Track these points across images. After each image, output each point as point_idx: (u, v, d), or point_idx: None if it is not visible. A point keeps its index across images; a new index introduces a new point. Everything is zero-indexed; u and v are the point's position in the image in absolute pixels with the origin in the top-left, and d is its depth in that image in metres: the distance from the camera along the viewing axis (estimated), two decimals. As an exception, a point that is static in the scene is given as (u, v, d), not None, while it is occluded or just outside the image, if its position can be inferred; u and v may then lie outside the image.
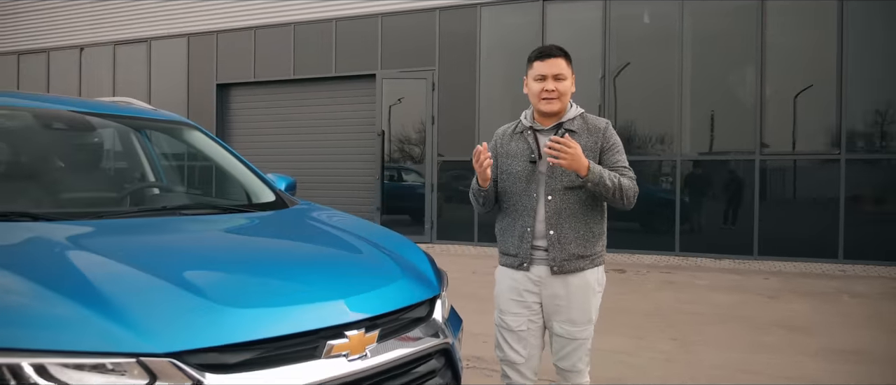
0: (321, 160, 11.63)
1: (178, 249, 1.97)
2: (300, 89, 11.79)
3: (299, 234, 2.39)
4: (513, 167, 2.58)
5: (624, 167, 2.53)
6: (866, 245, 7.99)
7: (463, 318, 2.68)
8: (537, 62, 2.52)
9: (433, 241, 10.39)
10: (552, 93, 2.49)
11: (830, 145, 8.30)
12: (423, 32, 10.51)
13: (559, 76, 2.50)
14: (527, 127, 2.60)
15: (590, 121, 2.57)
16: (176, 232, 2.16)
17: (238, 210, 2.61)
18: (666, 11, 9.06)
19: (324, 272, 1.96)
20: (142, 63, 13.17)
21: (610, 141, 2.54)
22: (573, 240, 2.50)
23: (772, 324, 5.21)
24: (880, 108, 8.19)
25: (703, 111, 8.98)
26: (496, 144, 2.69)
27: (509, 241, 2.61)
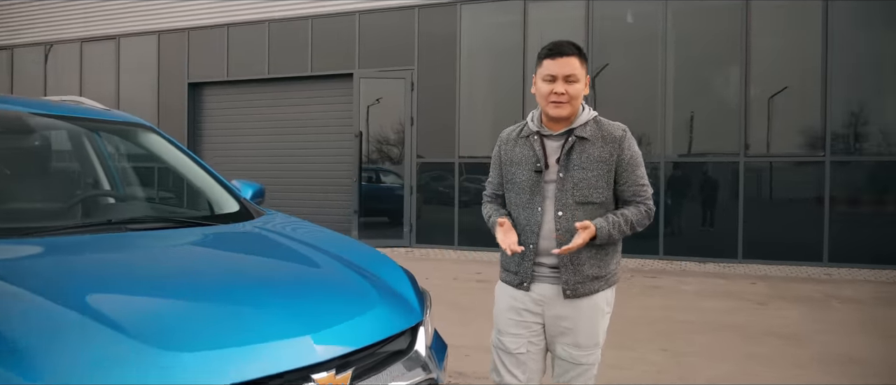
0: (297, 162, 11.31)
1: (116, 276, 1.68)
2: (275, 89, 11.46)
3: (262, 254, 2.12)
4: (517, 175, 2.34)
5: (641, 186, 2.28)
6: (851, 248, 7.90)
7: (444, 329, 2.44)
8: (548, 60, 2.25)
9: (412, 245, 10.14)
10: (562, 96, 2.22)
11: (815, 147, 8.20)
12: (402, 31, 10.25)
13: (571, 77, 2.23)
14: (533, 131, 2.33)
15: (604, 127, 2.30)
16: (119, 252, 1.89)
17: (196, 223, 2.32)
18: (649, 11, 8.91)
19: (288, 301, 1.69)
20: (110, 61, 12.72)
21: (627, 153, 2.27)
22: (587, 260, 2.26)
23: (764, 332, 5.04)
24: (865, 110, 8.11)
25: (687, 112, 8.84)
26: (500, 150, 2.45)
27: (511, 257, 2.37)
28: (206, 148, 12.17)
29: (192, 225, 2.28)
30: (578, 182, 2.23)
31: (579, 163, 2.24)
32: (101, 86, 12.77)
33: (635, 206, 2.27)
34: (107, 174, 2.96)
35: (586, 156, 2.24)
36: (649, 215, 2.29)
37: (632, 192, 2.27)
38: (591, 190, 2.24)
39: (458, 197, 9.85)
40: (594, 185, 2.23)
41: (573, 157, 2.25)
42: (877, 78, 8.14)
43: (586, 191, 2.23)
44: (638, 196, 2.28)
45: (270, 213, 2.66)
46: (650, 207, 2.29)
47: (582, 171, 2.23)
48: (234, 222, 2.42)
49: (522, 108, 9.35)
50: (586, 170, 2.23)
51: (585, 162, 2.23)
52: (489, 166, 2.52)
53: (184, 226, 2.24)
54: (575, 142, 2.26)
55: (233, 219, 2.47)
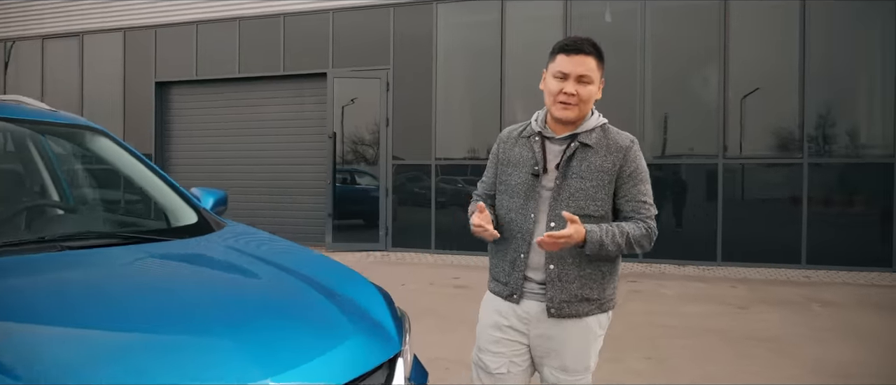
0: (269, 164, 11.02)
1: (32, 310, 1.45)
2: (246, 89, 11.15)
3: (218, 277, 1.89)
4: (512, 177, 2.16)
5: (643, 203, 2.10)
6: (829, 250, 7.89)
7: (421, 339, 2.25)
8: (562, 56, 2.06)
9: (388, 249, 9.92)
10: (571, 98, 2.03)
11: (792, 148, 8.17)
12: (377, 29, 10.03)
13: (584, 78, 2.04)
14: (535, 132, 2.16)
15: (611, 135, 2.12)
16: (47, 276, 1.65)
17: (145, 239, 2.09)
18: (627, 10, 8.81)
19: (247, 336, 1.47)
20: (73, 59, 12.28)
21: (632, 165, 2.09)
22: (577, 278, 2.08)
23: (745, 337, 4.94)
24: (842, 112, 8.11)
25: (665, 113, 8.77)
26: (499, 149, 2.26)
27: (500, 265, 2.20)
28: (174, 150, 11.82)
29: (140, 241, 2.05)
30: (575, 192, 2.06)
31: (579, 171, 2.06)
32: (63, 85, 12.34)
33: (635, 222, 2.08)
34: (54, 182, 2.71)
35: (587, 165, 2.06)
36: (650, 236, 2.09)
37: (631, 208, 2.09)
38: (588, 201, 2.06)
39: (435, 199, 9.66)
40: (592, 196, 2.06)
41: (573, 164, 2.07)
42: (854, 80, 8.14)
43: (583, 202, 2.05)
44: (638, 212, 2.09)
45: (232, 224, 2.45)
46: (650, 227, 2.09)
47: (580, 181, 2.06)
48: (191, 236, 2.19)
49: (500, 109, 9.20)
50: (585, 179, 2.05)
51: (585, 171, 2.06)
52: (466, 168, 2.33)
53: (131, 242, 2.01)
54: (577, 148, 2.08)
55: (189, 232, 2.26)
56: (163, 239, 2.12)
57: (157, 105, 11.71)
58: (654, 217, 2.13)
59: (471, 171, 9.48)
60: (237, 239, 2.23)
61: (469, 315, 5.74)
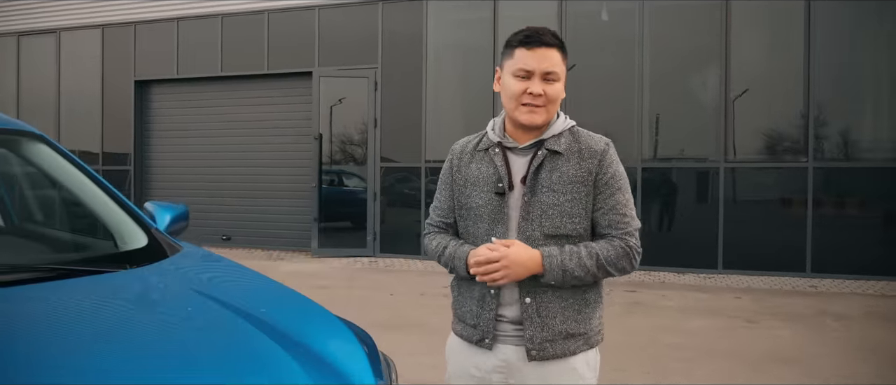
0: (252, 166, 10.60)
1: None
2: (229, 88, 10.73)
3: (166, 321, 1.50)
4: (472, 199, 1.81)
5: (621, 216, 1.75)
6: (835, 258, 7.59)
7: (412, 359, 1.88)
8: (522, 50, 1.73)
9: (376, 255, 9.54)
10: (538, 99, 1.71)
11: (797, 152, 7.87)
12: (365, 27, 9.65)
13: (550, 75, 1.72)
14: (494, 142, 1.82)
15: (582, 139, 1.79)
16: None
17: (84, 270, 1.70)
18: (625, 9, 8.49)
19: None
20: (50, 56, 11.80)
21: (608, 171, 1.75)
22: (559, 311, 1.74)
23: (762, 358, 4.61)
24: (849, 114, 7.82)
25: (664, 115, 8.45)
26: (452, 166, 1.90)
27: (466, 303, 1.84)
28: (154, 151, 11.38)
29: (74, 273, 1.66)
30: (548, 209, 1.72)
31: (549, 184, 1.73)
32: (40, 83, 11.87)
33: (609, 240, 1.74)
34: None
35: (558, 175, 1.73)
36: (630, 256, 1.73)
37: (608, 222, 1.74)
38: (564, 219, 1.72)
39: (425, 203, 9.29)
40: (567, 212, 1.72)
41: (542, 176, 1.74)
42: (861, 81, 7.85)
43: (557, 219, 1.72)
44: (614, 228, 1.74)
45: (188, 248, 2.07)
46: (630, 246, 1.73)
47: (552, 195, 1.72)
48: (137, 265, 1.81)
49: (492, 110, 8.84)
50: (558, 192, 1.72)
51: (557, 182, 1.73)
52: None
53: (63, 276, 1.63)
54: (545, 156, 1.74)
55: (137, 258, 1.88)
56: (101, 270, 1.73)
57: (136, 104, 11.27)
58: (637, 230, 1.78)
59: (462, 174, 9.12)
60: (189, 270, 1.85)
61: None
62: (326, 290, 7.09)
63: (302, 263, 9.10)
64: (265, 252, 10.19)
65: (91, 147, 11.62)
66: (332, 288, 7.25)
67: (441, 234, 1.92)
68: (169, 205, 2.33)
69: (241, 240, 10.64)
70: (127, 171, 11.30)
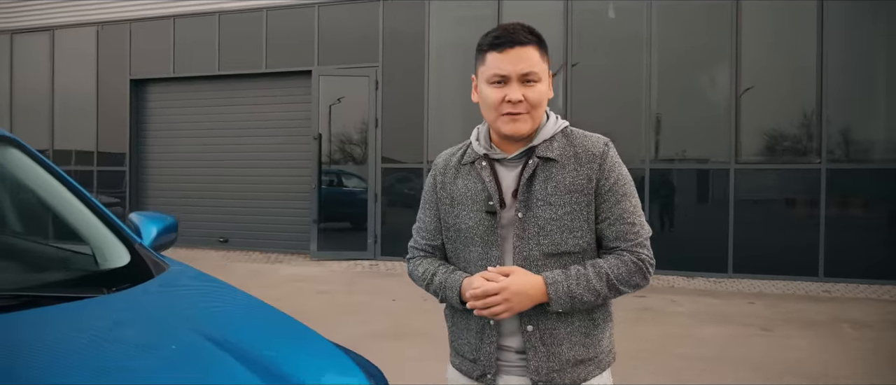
0: (250, 167, 10.39)
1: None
2: (226, 87, 10.52)
3: (148, 365, 1.27)
4: (461, 219, 1.60)
5: (629, 225, 1.55)
6: (848, 262, 7.39)
7: (416, 365, 1.68)
8: (493, 54, 1.54)
9: (377, 258, 9.34)
10: (519, 106, 1.51)
11: (809, 153, 7.67)
12: (366, 25, 9.44)
13: (529, 77, 1.52)
14: (479, 155, 1.61)
15: (578, 142, 1.59)
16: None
17: (54, 297, 1.49)
18: (632, 7, 8.29)
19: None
20: (44, 55, 11.59)
21: (611, 176, 1.55)
22: (565, 337, 1.54)
23: (783, 370, 4.42)
24: (863, 115, 7.62)
25: (672, 116, 8.25)
26: (436, 183, 1.70)
27: (463, 336, 1.64)
28: (150, 151, 11.17)
29: (42, 300, 1.46)
30: (545, 224, 1.53)
31: (544, 195, 1.53)
32: (34, 82, 11.66)
33: (618, 254, 1.55)
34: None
35: (554, 185, 1.54)
36: (642, 271, 1.54)
37: (614, 234, 1.55)
38: (564, 234, 1.53)
39: (427, 205, 9.08)
40: (568, 226, 1.53)
41: (535, 187, 1.54)
42: (875, 81, 7.65)
43: (557, 235, 1.52)
44: (623, 239, 1.54)
45: (176, 267, 1.86)
46: (642, 259, 1.54)
47: (549, 208, 1.53)
48: (116, 288, 1.61)
49: (496, 110, 8.65)
50: (554, 206, 1.53)
51: (553, 193, 1.53)
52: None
53: (26, 304, 1.42)
54: (538, 166, 1.55)
55: (117, 279, 1.68)
56: (74, 296, 1.53)
57: (132, 104, 11.06)
58: (649, 239, 1.58)
59: (465, 175, 8.93)
60: (176, 296, 1.64)
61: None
62: (326, 296, 6.90)
63: (301, 267, 8.90)
64: (263, 254, 9.99)
65: (86, 147, 11.41)
66: (332, 293, 7.05)
67: (428, 258, 1.71)
68: (156, 216, 2.13)
69: (239, 242, 10.44)
70: (122, 171, 11.09)
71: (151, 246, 2.01)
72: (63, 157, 11.60)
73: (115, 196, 11.17)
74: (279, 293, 7.03)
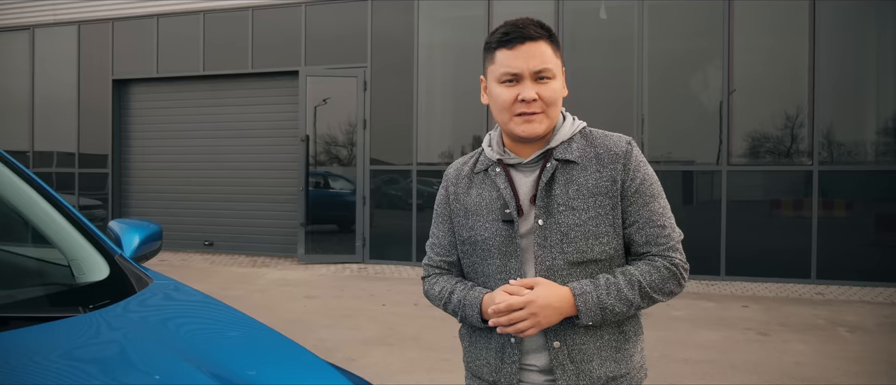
0: (236, 169, 10.21)
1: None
2: (212, 87, 10.33)
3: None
4: (477, 231, 1.49)
5: (659, 228, 1.44)
6: (841, 264, 7.37)
7: (407, 374, 1.57)
8: (504, 51, 1.44)
9: (366, 261, 9.20)
10: (533, 105, 1.41)
11: (801, 155, 7.64)
12: (354, 25, 9.30)
13: (542, 74, 1.42)
14: (493, 161, 1.51)
15: (598, 141, 1.49)
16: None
17: (23, 318, 1.36)
18: (624, 7, 8.22)
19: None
20: (23, 54, 11.33)
21: (638, 176, 1.45)
22: (595, 353, 1.44)
23: (782, 374, 4.34)
24: (855, 116, 7.60)
25: (664, 117, 8.18)
26: (448, 194, 1.59)
27: (481, 355, 1.53)
28: (133, 153, 10.94)
29: (9, 323, 1.32)
30: (568, 230, 1.42)
31: (566, 199, 1.43)
32: (13, 82, 11.39)
33: (649, 260, 1.44)
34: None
35: (575, 188, 1.43)
36: (677, 277, 1.45)
37: (644, 239, 1.45)
38: (589, 240, 1.42)
39: (416, 207, 8.96)
40: (592, 231, 1.42)
41: (556, 192, 1.44)
42: (867, 82, 7.64)
43: (582, 242, 1.42)
44: (654, 244, 1.44)
45: (159, 280, 1.73)
46: (675, 264, 1.44)
47: (571, 213, 1.42)
48: (93, 306, 1.47)
49: (487, 111, 8.54)
50: (578, 210, 1.42)
51: (575, 197, 1.43)
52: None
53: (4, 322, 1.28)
54: (557, 168, 1.44)
55: (95, 295, 1.54)
56: (46, 316, 1.39)
57: (115, 105, 10.82)
58: (680, 241, 1.49)
59: (455, 177, 8.81)
60: (158, 315, 1.50)
61: (458, 344, 5.03)
62: (315, 301, 6.75)
63: (288, 271, 8.73)
64: (249, 258, 9.80)
65: (67, 148, 11.16)
66: (321, 298, 6.90)
67: (444, 276, 1.60)
68: (138, 223, 1.99)
69: (225, 245, 10.25)
70: (105, 174, 10.86)
71: (133, 256, 1.87)
72: (44, 158, 11.34)
73: (98, 199, 10.93)
74: (266, 298, 6.87)
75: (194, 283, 6.60)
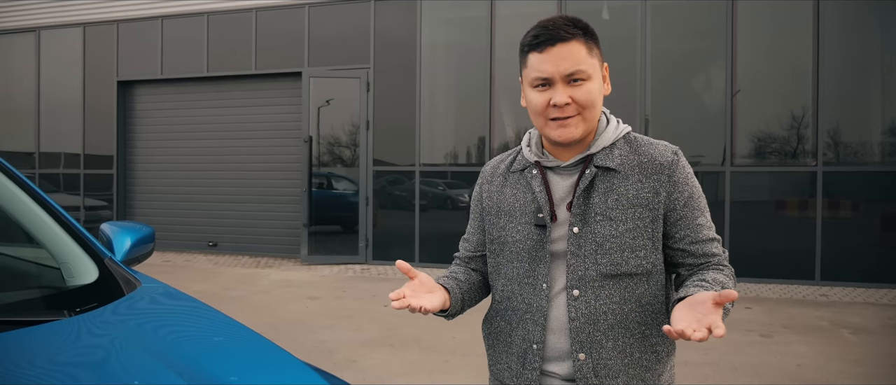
0: (240, 169, 10.24)
1: None
2: (215, 89, 10.36)
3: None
4: (507, 232, 1.47)
5: (710, 241, 1.42)
6: (845, 265, 7.33)
7: (408, 376, 1.58)
8: (534, 55, 1.39)
9: (369, 262, 9.20)
10: (567, 109, 1.37)
11: (805, 155, 7.60)
12: (356, 26, 9.31)
13: (577, 75, 1.37)
14: (531, 162, 1.48)
15: (643, 149, 1.44)
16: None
17: (7, 322, 1.36)
18: (626, 7, 8.20)
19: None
20: (29, 56, 11.39)
21: (685, 190, 1.40)
22: (622, 370, 1.39)
23: (783, 376, 4.31)
24: (859, 116, 7.55)
25: (666, 118, 8.16)
26: (482, 192, 1.56)
27: (503, 358, 1.51)
28: (138, 154, 10.98)
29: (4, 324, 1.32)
30: (603, 241, 1.38)
31: (603, 209, 1.39)
32: (19, 83, 11.46)
33: (715, 269, 1.39)
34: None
35: (615, 197, 1.39)
36: (734, 281, 1.43)
37: (702, 252, 1.41)
38: (625, 253, 1.38)
39: (419, 208, 8.96)
40: (630, 244, 1.38)
41: (594, 199, 1.40)
42: (872, 83, 7.59)
43: (617, 254, 1.38)
44: (712, 255, 1.41)
45: (148, 283, 1.73)
46: (733, 272, 1.44)
47: (609, 224, 1.38)
48: (80, 310, 1.47)
49: (489, 111, 8.54)
50: (616, 221, 1.38)
51: (614, 207, 1.39)
52: (452, 174, 1.64)
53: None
54: (596, 175, 1.41)
55: (83, 298, 1.54)
56: (32, 320, 1.39)
57: (119, 106, 10.87)
58: (726, 254, 1.47)
59: (457, 177, 8.81)
60: (144, 320, 1.50)
61: (460, 345, 5.02)
62: (317, 302, 6.76)
63: (291, 272, 8.75)
64: (253, 259, 9.83)
65: (73, 150, 11.21)
66: (323, 299, 6.91)
67: (458, 267, 1.61)
68: (130, 226, 1.99)
69: (228, 246, 10.28)
70: (110, 174, 10.91)
71: (125, 259, 1.87)
72: (50, 160, 11.40)
73: (103, 200, 10.98)
74: (268, 299, 6.88)
75: (197, 284, 6.67)
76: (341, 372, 4.38)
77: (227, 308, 3.61)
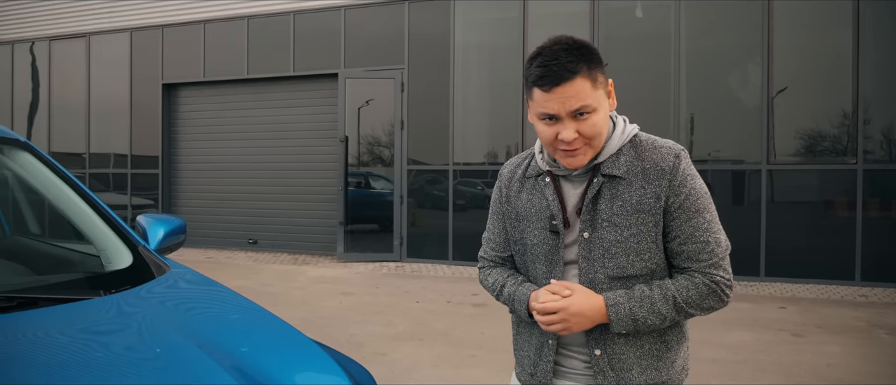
0: (278, 169, 10.51)
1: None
2: (254, 90, 10.65)
3: (128, 357, 1.29)
4: (526, 235, 1.56)
5: (702, 244, 1.46)
6: (886, 266, 7.15)
7: (434, 369, 1.67)
8: (539, 92, 1.43)
9: (403, 260, 9.35)
10: (574, 142, 1.42)
11: (845, 153, 7.44)
12: (391, 27, 9.46)
13: (582, 111, 1.41)
14: (543, 170, 1.55)
15: (647, 153, 1.48)
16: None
17: (51, 299, 1.52)
18: (661, 5, 8.15)
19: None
20: (80, 60, 11.89)
21: (682, 192, 1.45)
22: (635, 362, 1.48)
23: (813, 376, 4.27)
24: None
25: (703, 116, 8.08)
26: (502, 194, 1.65)
27: (524, 348, 1.63)
28: (181, 153, 11.36)
29: (39, 302, 1.48)
30: (610, 246, 1.46)
31: (609, 216, 1.46)
32: (70, 86, 11.97)
33: (689, 276, 1.46)
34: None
35: (620, 204, 1.46)
36: (716, 293, 1.46)
37: (686, 254, 1.46)
38: (630, 257, 1.45)
39: (453, 207, 9.07)
40: (634, 249, 1.45)
41: (601, 207, 1.47)
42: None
43: (622, 258, 1.45)
44: (695, 260, 1.45)
45: (176, 269, 1.87)
46: (715, 281, 1.46)
47: (614, 230, 1.45)
48: (115, 290, 1.62)
49: (522, 111, 8.59)
50: (620, 227, 1.45)
51: (618, 214, 1.46)
52: (486, 173, 1.73)
53: (22, 305, 1.44)
54: (603, 184, 1.47)
55: (118, 280, 1.69)
56: (71, 298, 1.54)
57: (164, 107, 11.26)
58: (726, 257, 1.49)
59: (491, 176, 8.88)
60: (170, 298, 1.65)
61: (487, 340, 5.10)
62: (351, 297, 6.92)
63: (327, 268, 8.95)
64: (291, 256, 10.08)
65: (121, 150, 11.67)
66: (357, 294, 7.07)
67: (497, 268, 1.68)
68: (164, 218, 2.14)
69: (268, 243, 10.56)
70: (155, 174, 11.31)
71: (158, 248, 2.02)
72: (100, 160, 11.88)
73: (149, 198, 11.40)
74: (304, 294, 7.07)
75: (236, 280, 6.90)
76: (369, 364, 4.51)
77: (263, 302, 3.77)
